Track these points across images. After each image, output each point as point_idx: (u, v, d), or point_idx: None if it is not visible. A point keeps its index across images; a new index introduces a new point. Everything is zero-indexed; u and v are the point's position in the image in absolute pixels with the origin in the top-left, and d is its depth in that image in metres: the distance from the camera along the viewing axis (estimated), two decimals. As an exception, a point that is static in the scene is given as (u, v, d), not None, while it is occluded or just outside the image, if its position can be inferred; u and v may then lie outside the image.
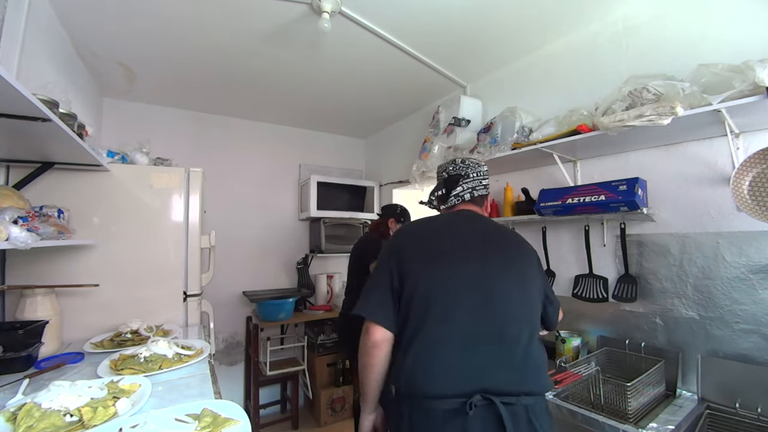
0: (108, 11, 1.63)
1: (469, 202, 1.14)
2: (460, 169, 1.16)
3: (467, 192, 1.13)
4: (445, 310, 0.93)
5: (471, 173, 1.15)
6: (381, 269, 1.02)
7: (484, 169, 1.18)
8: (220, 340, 2.86)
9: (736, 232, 1.28)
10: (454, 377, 0.89)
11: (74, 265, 1.61)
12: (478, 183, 1.15)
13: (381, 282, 1.00)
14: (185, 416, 0.81)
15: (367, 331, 0.97)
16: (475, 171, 1.16)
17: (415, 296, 0.95)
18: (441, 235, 1.05)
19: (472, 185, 1.14)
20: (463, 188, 1.14)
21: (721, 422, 1.18)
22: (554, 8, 1.62)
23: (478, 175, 1.16)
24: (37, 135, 1.10)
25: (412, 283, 0.96)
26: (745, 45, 1.24)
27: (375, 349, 0.96)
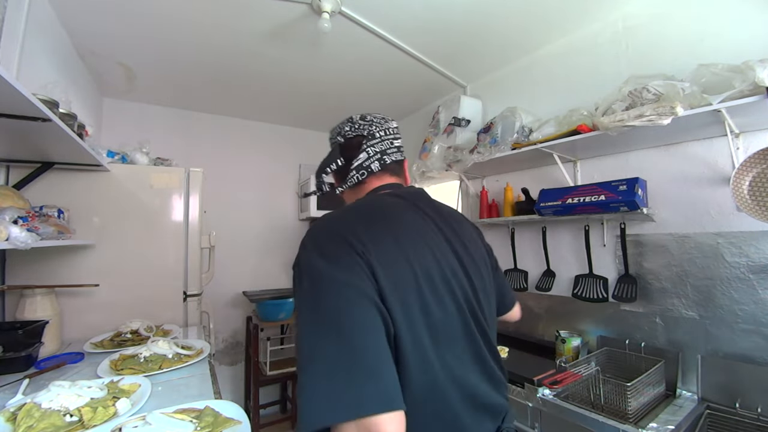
0: (108, 11, 1.63)
1: (382, 173, 0.81)
2: (361, 129, 0.82)
3: (374, 159, 0.80)
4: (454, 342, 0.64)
5: (376, 131, 0.81)
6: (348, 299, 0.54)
7: (393, 125, 0.85)
8: (220, 340, 2.86)
9: (736, 232, 1.28)
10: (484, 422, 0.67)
11: (74, 265, 1.61)
12: (389, 144, 0.82)
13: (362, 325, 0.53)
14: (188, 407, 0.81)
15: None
16: (381, 128, 0.82)
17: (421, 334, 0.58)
18: (407, 229, 0.66)
19: (380, 148, 0.80)
20: (369, 154, 0.80)
21: (721, 422, 1.18)
22: (554, 8, 1.62)
23: (386, 134, 0.82)
24: (37, 135, 1.11)
25: (412, 316, 0.58)
26: (745, 45, 1.24)
27: None
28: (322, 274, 0.55)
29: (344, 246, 0.58)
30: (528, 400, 1.32)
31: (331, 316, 0.52)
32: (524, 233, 2.01)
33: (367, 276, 0.55)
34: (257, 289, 3.02)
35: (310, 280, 0.56)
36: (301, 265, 0.59)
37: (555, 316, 1.82)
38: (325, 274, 0.55)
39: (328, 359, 0.50)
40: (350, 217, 0.65)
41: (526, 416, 1.33)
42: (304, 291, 0.56)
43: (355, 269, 0.55)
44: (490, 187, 2.21)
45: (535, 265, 1.94)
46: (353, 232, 0.59)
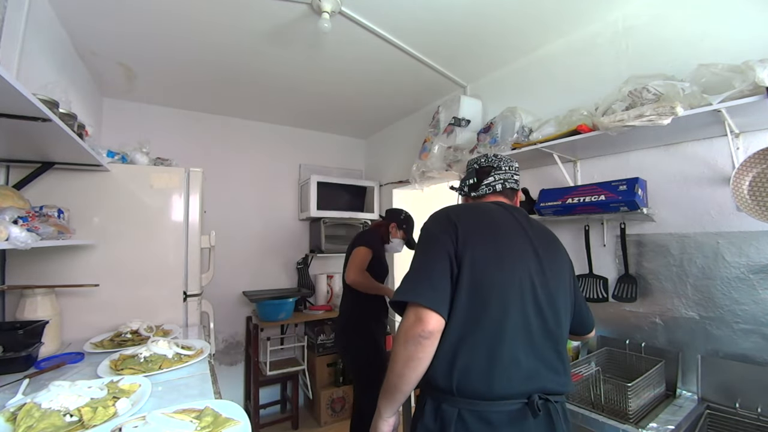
0: (108, 11, 1.63)
1: (499, 194, 1.10)
2: (491, 162, 1.13)
3: (499, 183, 1.10)
4: (506, 304, 0.86)
5: (503, 166, 1.12)
6: (434, 246, 0.90)
7: (516, 165, 1.15)
8: (220, 340, 2.86)
9: (736, 232, 1.28)
10: (515, 377, 0.84)
11: (74, 265, 1.61)
12: (510, 176, 1.12)
13: (437, 263, 0.87)
14: (188, 407, 0.81)
15: (420, 319, 0.82)
16: (507, 164, 1.13)
17: (475, 284, 0.86)
18: (496, 221, 0.97)
19: (503, 177, 1.10)
20: (495, 179, 1.10)
21: (721, 422, 1.18)
22: (554, 8, 1.62)
23: (510, 169, 1.12)
24: (37, 135, 1.10)
25: (474, 269, 0.86)
26: (745, 45, 1.24)
27: (428, 340, 0.82)
28: (428, 229, 0.97)
29: (445, 217, 0.96)
30: (528, 400, 1.32)
31: (422, 249, 0.94)
32: (524, 233, 2.01)
33: (452, 235, 0.90)
34: (257, 289, 3.03)
35: (422, 232, 0.97)
36: (422, 226, 0.99)
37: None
38: (428, 229, 0.97)
39: (412, 271, 0.90)
40: (460, 207, 1.04)
41: (526, 416, 1.32)
42: (419, 238, 0.97)
43: (445, 230, 0.92)
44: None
45: (535, 265, 1.94)
46: (455, 213, 0.97)
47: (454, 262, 0.87)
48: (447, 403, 0.85)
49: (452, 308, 0.85)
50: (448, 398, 0.85)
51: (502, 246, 0.92)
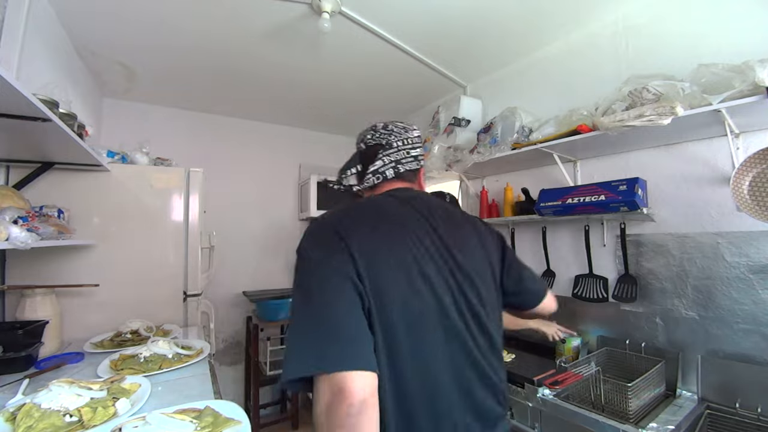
0: (108, 11, 1.63)
1: (393, 180, 0.88)
2: (379, 138, 0.90)
3: (389, 167, 0.87)
4: (437, 332, 0.68)
5: (394, 141, 0.88)
6: (329, 277, 0.63)
7: (414, 135, 0.92)
8: (220, 340, 2.86)
9: (736, 232, 1.28)
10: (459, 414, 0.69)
11: (74, 265, 1.61)
12: (404, 154, 0.88)
13: (339, 297, 0.61)
14: (188, 407, 0.81)
15: (343, 391, 0.54)
16: (400, 138, 0.89)
17: (398, 315, 0.65)
18: (394, 226, 0.73)
19: (395, 157, 0.87)
20: (384, 162, 0.87)
21: (721, 422, 1.18)
22: (554, 8, 1.62)
23: (404, 144, 0.89)
24: (37, 135, 1.11)
25: (389, 295, 0.64)
26: (745, 45, 1.24)
27: (363, 416, 0.54)
28: (309, 256, 0.67)
29: (331, 233, 0.68)
30: (528, 400, 1.32)
31: (308, 288, 0.64)
32: (524, 233, 2.01)
33: (347, 257, 0.64)
34: (257, 289, 3.02)
35: (300, 261, 0.68)
36: (298, 250, 0.69)
37: (555, 316, 1.81)
38: (310, 256, 0.67)
39: (302, 324, 0.61)
40: (342, 213, 0.74)
41: (526, 416, 1.33)
42: (296, 270, 0.67)
43: (335, 251, 0.65)
44: (490, 187, 2.21)
45: (535, 265, 1.94)
46: (341, 223, 0.70)
47: (364, 293, 0.63)
48: None
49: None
50: None
51: (411, 262, 0.69)
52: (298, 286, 0.65)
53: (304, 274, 0.66)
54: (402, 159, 0.88)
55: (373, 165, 0.88)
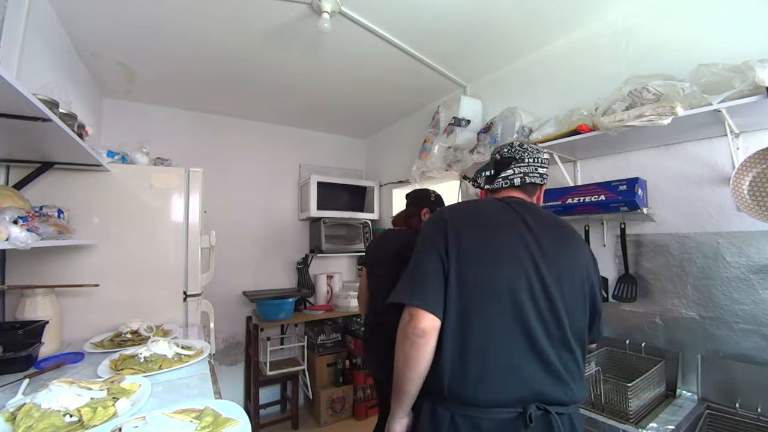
0: (108, 11, 1.63)
1: (517, 188, 1.03)
2: (514, 153, 1.05)
3: (518, 176, 1.02)
4: (497, 307, 0.83)
5: (527, 158, 1.03)
6: (426, 249, 0.90)
7: (544, 157, 1.06)
8: (220, 340, 2.86)
9: (736, 232, 1.28)
10: (509, 383, 0.81)
11: (74, 265, 1.61)
12: (533, 169, 1.03)
13: (428, 263, 0.88)
14: (188, 407, 0.81)
15: (413, 318, 0.83)
16: (532, 157, 1.04)
17: (470, 285, 0.84)
18: (496, 220, 0.93)
19: (524, 170, 1.02)
20: (514, 171, 1.02)
21: (721, 422, 1.18)
22: (554, 8, 1.62)
23: (534, 162, 1.03)
24: (37, 135, 1.10)
25: (468, 270, 0.85)
26: (745, 45, 1.24)
27: (421, 339, 0.82)
28: (423, 232, 0.97)
29: (438, 218, 0.97)
30: (528, 400, 1.32)
31: (417, 251, 0.94)
32: (524, 233, 2.01)
33: (441, 236, 0.90)
34: (257, 289, 3.02)
35: (419, 234, 0.98)
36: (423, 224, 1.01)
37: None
38: (424, 232, 0.97)
39: (407, 272, 0.92)
40: (455, 205, 1.05)
41: (526, 416, 1.32)
42: (417, 240, 0.96)
43: (437, 230, 0.92)
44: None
45: (535, 265, 1.93)
46: (448, 212, 0.98)
47: (446, 262, 0.86)
48: (441, 406, 0.85)
49: (445, 309, 0.85)
50: (442, 401, 0.85)
51: (494, 246, 0.88)
52: (415, 248, 0.95)
53: (419, 240, 0.95)
54: (530, 173, 1.03)
55: (504, 172, 1.04)
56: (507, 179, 1.03)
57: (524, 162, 1.03)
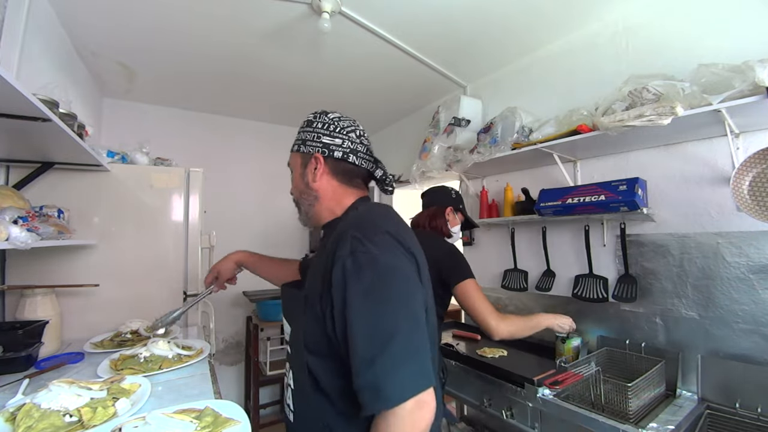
0: (108, 11, 1.63)
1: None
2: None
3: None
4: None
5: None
6: (409, 302, 0.65)
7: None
8: (220, 340, 2.86)
9: (736, 232, 1.28)
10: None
11: (74, 265, 1.61)
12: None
13: (419, 325, 0.66)
14: (188, 407, 0.81)
15: (423, 404, 0.59)
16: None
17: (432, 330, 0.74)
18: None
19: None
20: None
21: (721, 422, 1.18)
22: (554, 8, 1.62)
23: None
24: (37, 135, 1.10)
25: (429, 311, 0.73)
26: (745, 45, 1.24)
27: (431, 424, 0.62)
28: (395, 267, 0.67)
29: (410, 255, 0.70)
30: (528, 400, 1.32)
31: (402, 301, 0.64)
32: (524, 233, 2.01)
33: (419, 281, 0.69)
34: (257, 289, 3.02)
35: (385, 270, 0.66)
36: (374, 258, 0.65)
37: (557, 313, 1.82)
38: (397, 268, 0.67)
39: (401, 342, 0.60)
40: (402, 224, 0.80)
41: (526, 416, 1.33)
42: (379, 279, 0.64)
43: (414, 274, 0.69)
44: (490, 187, 2.21)
45: (535, 265, 1.94)
46: (404, 236, 0.73)
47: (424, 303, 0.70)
48: None
49: None
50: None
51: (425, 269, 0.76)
52: (382, 291, 0.64)
53: (390, 280, 0.65)
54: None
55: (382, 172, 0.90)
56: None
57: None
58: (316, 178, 0.84)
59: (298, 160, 0.88)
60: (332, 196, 0.86)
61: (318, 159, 0.84)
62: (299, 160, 0.88)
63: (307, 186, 0.85)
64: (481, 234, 2.30)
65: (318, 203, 0.86)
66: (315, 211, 0.87)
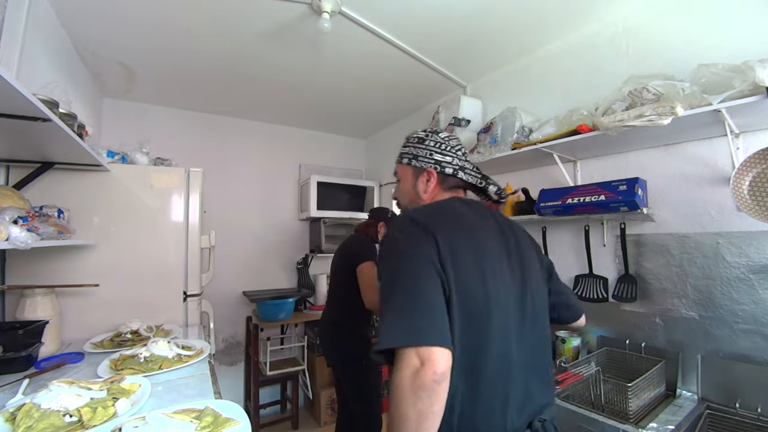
0: (108, 11, 1.63)
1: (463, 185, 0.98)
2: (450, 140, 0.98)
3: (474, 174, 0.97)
4: (504, 326, 0.75)
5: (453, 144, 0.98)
6: (421, 265, 0.72)
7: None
8: (220, 340, 2.86)
9: (736, 232, 1.28)
10: (518, 407, 0.75)
11: (74, 265, 1.61)
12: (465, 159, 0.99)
13: (428, 284, 0.70)
14: (188, 407, 0.81)
15: (428, 362, 0.64)
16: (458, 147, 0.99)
17: (468, 309, 0.72)
18: (474, 229, 0.83)
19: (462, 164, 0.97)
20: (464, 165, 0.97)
21: (721, 422, 1.18)
22: (554, 8, 1.62)
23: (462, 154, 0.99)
24: (37, 135, 1.10)
25: (470, 290, 0.73)
26: (745, 45, 1.24)
27: (441, 385, 0.64)
28: (405, 244, 0.76)
29: (418, 228, 0.78)
30: (528, 400, 1.32)
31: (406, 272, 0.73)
32: (524, 233, 2.01)
33: (433, 251, 0.73)
34: (257, 289, 3.02)
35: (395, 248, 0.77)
36: (389, 238, 0.80)
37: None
38: (407, 245, 0.76)
39: (400, 301, 0.70)
40: (427, 211, 0.86)
41: (526, 416, 1.32)
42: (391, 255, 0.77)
43: (425, 244, 0.74)
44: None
45: (535, 265, 1.93)
46: (427, 220, 0.79)
47: (445, 283, 0.72)
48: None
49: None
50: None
51: (486, 261, 0.78)
52: (392, 266, 0.75)
53: (398, 255, 0.75)
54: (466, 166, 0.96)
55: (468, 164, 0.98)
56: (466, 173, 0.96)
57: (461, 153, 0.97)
58: (428, 189, 0.95)
59: (408, 171, 1.00)
60: None
61: (431, 173, 0.95)
62: (410, 171, 0.99)
63: (419, 195, 0.97)
64: (481, 234, 2.29)
65: None
66: None
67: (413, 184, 0.98)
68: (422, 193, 0.95)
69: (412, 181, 0.98)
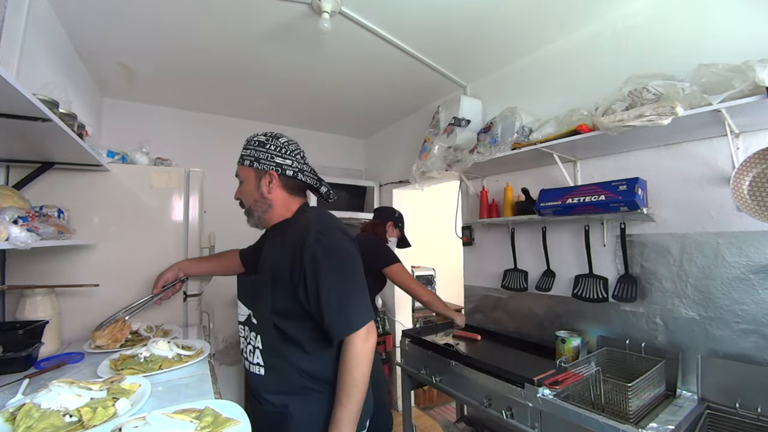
0: (108, 11, 1.63)
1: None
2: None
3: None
4: None
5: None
6: (357, 269, 1.03)
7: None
8: (220, 340, 2.86)
9: (736, 232, 1.28)
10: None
11: (74, 265, 1.61)
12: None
13: (362, 277, 1.03)
14: (188, 407, 0.81)
15: (372, 331, 0.97)
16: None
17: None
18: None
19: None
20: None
21: (721, 422, 1.18)
22: (554, 8, 1.62)
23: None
24: (37, 135, 1.10)
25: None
26: (745, 45, 1.24)
27: (373, 349, 0.98)
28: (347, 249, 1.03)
29: (348, 236, 1.06)
30: (528, 400, 1.32)
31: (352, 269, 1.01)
32: (524, 233, 2.01)
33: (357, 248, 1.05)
34: (257, 289, 3.02)
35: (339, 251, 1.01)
36: (327, 239, 1.00)
37: (555, 316, 1.82)
38: (348, 249, 1.03)
39: (354, 291, 0.98)
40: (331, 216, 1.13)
41: (526, 416, 1.32)
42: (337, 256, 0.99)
43: (353, 244, 1.05)
44: (490, 187, 2.21)
45: (535, 265, 1.94)
46: (342, 227, 1.07)
47: None
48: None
49: None
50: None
51: None
52: (339, 265, 0.98)
53: (344, 257, 1.00)
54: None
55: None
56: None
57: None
58: (270, 190, 1.09)
59: (251, 173, 1.12)
60: (283, 203, 1.12)
61: (273, 175, 1.08)
62: (252, 173, 1.12)
63: (262, 196, 1.10)
64: (481, 234, 2.30)
65: (271, 210, 1.12)
66: (268, 215, 1.14)
67: (256, 185, 1.10)
68: (266, 193, 1.09)
69: (255, 183, 1.10)
